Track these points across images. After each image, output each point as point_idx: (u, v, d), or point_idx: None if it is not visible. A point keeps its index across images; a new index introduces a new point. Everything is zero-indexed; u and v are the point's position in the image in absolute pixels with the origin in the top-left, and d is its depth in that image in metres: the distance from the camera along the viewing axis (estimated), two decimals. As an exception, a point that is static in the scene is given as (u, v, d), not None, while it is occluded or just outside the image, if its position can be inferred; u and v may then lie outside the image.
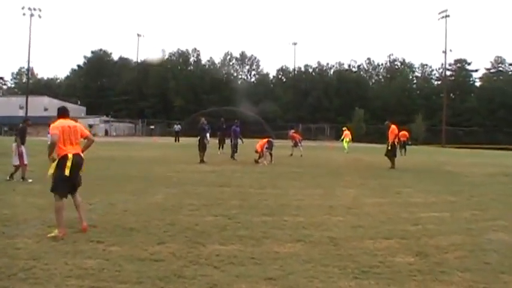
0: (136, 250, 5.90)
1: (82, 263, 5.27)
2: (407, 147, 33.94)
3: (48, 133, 7.59)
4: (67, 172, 6.52)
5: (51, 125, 6.83)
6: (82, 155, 6.86)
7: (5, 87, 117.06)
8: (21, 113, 69.53)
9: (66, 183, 6.65)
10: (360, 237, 6.95)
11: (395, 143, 19.69)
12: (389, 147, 19.58)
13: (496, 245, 6.66)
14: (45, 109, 79.54)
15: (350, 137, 35.84)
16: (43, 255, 5.56)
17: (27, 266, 5.16)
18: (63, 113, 7.09)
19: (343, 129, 37.21)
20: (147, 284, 4.67)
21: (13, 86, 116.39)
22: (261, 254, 5.89)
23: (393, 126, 19.81)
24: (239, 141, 23.74)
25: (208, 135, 30.72)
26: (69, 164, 6.52)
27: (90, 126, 79.88)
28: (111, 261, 5.38)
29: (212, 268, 5.26)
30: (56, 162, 6.60)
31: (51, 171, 6.64)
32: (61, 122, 6.84)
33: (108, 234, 6.67)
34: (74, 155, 6.65)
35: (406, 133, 34.07)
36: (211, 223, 7.65)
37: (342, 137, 35.93)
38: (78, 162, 6.70)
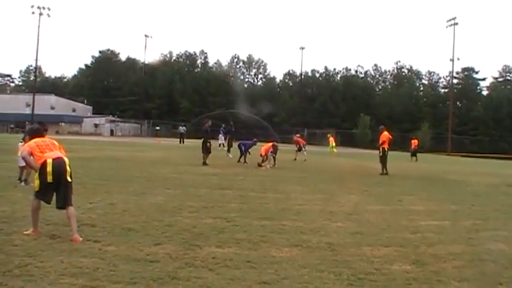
0: (132, 250, 5.89)
1: (77, 262, 5.26)
2: (418, 154, 36.55)
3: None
4: (49, 178, 6.29)
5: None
6: (65, 158, 6.58)
7: (12, 84, 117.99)
8: (28, 110, 69.91)
9: (50, 190, 6.42)
10: (358, 243, 6.92)
11: (386, 149, 19.66)
12: (381, 154, 19.60)
13: (495, 255, 6.60)
14: (52, 108, 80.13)
15: (333, 143, 39.41)
16: (39, 253, 5.56)
17: (23, 263, 5.15)
18: (36, 133, 7.06)
19: (328, 136, 41.70)
20: (141, 285, 4.66)
21: (21, 83, 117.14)
22: (257, 257, 5.86)
23: (385, 132, 19.94)
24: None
25: (222, 137, 30.85)
26: (49, 169, 6.28)
27: (96, 125, 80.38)
28: (106, 261, 5.37)
29: (207, 270, 5.24)
30: (38, 172, 6.41)
31: (36, 182, 6.45)
32: (34, 141, 6.71)
33: (105, 234, 6.67)
34: (54, 159, 6.39)
35: (416, 141, 36.55)
36: (210, 225, 7.64)
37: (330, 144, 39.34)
38: (59, 166, 6.41)
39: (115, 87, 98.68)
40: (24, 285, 4.48)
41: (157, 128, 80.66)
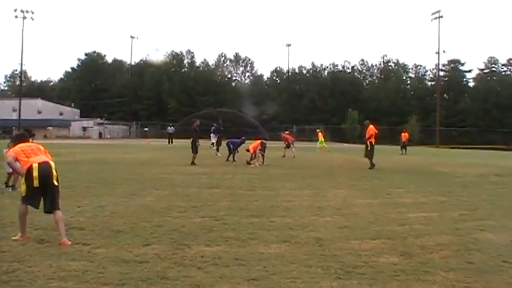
0: (121, 252, 5.90)
1: (66, 265, 5.27)
2: (407, 147, 37.15)
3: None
4: (36, 183, 6.27)
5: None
6: (51, 162, 6.56)
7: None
8: (15, 116, 69.25)
9: (37, 195, 6.39)
10: (346, 237, 6.98)
11: (373, 143, 19.84)
12: (368, 148, 19.76)
13: (481, 244, 6.71)
14: (39, 112, 79.44)
15: (322, 138, 39.60)
16: (27, 258, 5.55)
17: (11, 268, 5.14)
18: (20, 138, 7.06)
19: (317, 130, 42.30)
20: (130, 286, 4.68)
21: (6, 88, 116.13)
22: (246, 255, 5.90)
23: (371, 126, 20.14)
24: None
25: (212, 136, 30.83)
26: (35, 173, 6.27)
27: (84, 128, 79.87)
28: (95, 263, 5.38)
29: (196, 269, 5.27)
30: (24, 177, 6.40)
31: (23, 187, 6.43)
32: (18, 146, 6.71)
33: (94, 237, 6.67)
34: (40, 163, 6.38)
35: (407, 134, 37.27)
36: (199, 225, 7.67)
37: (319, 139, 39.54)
38: (46, 170, 6.40)
39: (102, 89, 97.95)
40: (13, 291, 4.49)
41: (146, 129, 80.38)
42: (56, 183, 6.49)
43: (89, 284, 4.69)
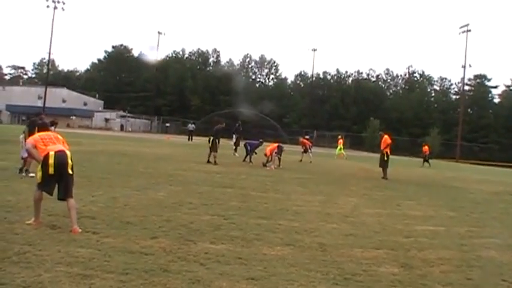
0: (128, 243, 6.09)
1: (74, 252, 5.48)
2: (429, 160, 36.82)
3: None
4: (51, 170, 6.52)
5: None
6: (67, 152, 6.81)
7: (25, 77, 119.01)
8: (40, 103, 70.56)
9: (51, 182, 6.64)
10: (350, 245, 7.06)
11: (388, 154, 19.83)
12: (385, 158, 19.74)
13: (484, 262, 6.72)
14: (64, 101, 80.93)
15: (342, 145, 39.38)
16: (38, 242, 5.78)
17: (22, 250, 5.38)
18: (41, 126, 7.37)
19: (339, 137, 41.34)
20: (133, 276, 4.85)
21: (34, 76, 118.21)
22: (249, 254, 6.04)
23: (386, 136, 20.11)
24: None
25: (234, 136, 31.08)
26: (51, 161, 6.52)
27: (107, 120, 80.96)
28: (102, 252, 5.58)
29: (198, 265, 5.42)
30: (40, 164, 6.64)
31: (39, 174, 6.66)
32: (38, 134, 7.10)
33: (104, 226, 6.88)
34: (56, 152, 6.62)
35: (427, 147, 36.85)
36: (207, 222, 7.82)
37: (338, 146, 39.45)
38: (61, 158, 6.64)
39: (127, 83, 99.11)
40: (21, 272, 4.69)
41: (167, 124, 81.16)
42: (70, 172, 6.71)
43: (93, 271, 4.87)
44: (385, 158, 19.79)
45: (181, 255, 5.74)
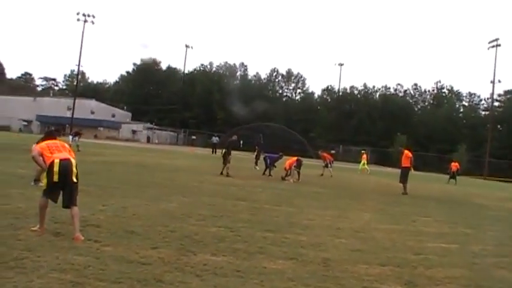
0: (128, 252, 6.09)
1: (71, 259, 5.50)
2: (457, 177, 35.86)
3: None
4: (55, 178, 6.60)
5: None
6: (72, 160, 6.87)
7: (56, 88, 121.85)
8: (69, 114, 71.96)
9: (56, 189, 6.72)
10: (355, 260, 6.90)
11: (409, 169, 19.57)
12: (404, 173, 19.49)
13: (493, 282, 6.48)
14: (92, 112, 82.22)
15: (365, 160, 39.51)
16: (38, 248, 5.83)
17: (20, 256, 5.44)
18: (48, 135, 7.47)
19: (362, 152, 41.78)
20: (124, 285, 4.83)
21: (64, 87, 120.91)
22: (248, 268, 5.94)
23: (406, 152, 19.99)
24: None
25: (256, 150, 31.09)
26: (56, 169, 6.59)
27: (134, 132, 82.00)
28: (99, 260, 5.58)
29: (193, 276, 5.36)
30: (46, 171, 6.74)
31: (44, 181, 6.78)
32: (45, 142, 7.17)
33: (108, 235, 6.90)
34: (61, 160, 6.70)
35: (457, 164, 37.03)
36: (212, 234, 7.78)
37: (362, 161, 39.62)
38: (66, 166, 6.71)
39: (154, 95, 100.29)
40: (14, 277, 4.73)
41: (194, 137, 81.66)
42: (75, 180, 6.78)
43: (86, 279, 4.88)
44: (404, 174, 19.51)
45: (178, 266, 5.70)
